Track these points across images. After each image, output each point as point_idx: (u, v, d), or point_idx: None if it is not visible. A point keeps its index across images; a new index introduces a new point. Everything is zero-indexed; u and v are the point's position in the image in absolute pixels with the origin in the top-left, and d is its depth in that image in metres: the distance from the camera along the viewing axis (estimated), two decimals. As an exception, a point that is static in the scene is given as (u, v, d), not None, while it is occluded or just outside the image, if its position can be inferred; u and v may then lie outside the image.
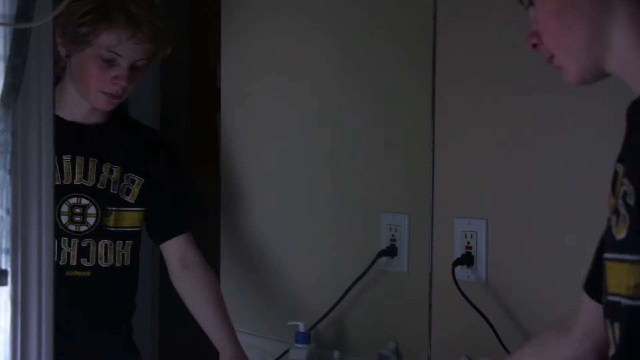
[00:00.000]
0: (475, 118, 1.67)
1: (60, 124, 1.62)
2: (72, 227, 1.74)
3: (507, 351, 1.52)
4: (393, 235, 1.80)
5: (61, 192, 1.71)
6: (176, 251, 1.86)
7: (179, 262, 1.86)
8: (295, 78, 1.98)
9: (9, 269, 1.07)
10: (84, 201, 1.74)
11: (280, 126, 2.01)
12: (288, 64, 1.99)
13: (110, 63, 1.67)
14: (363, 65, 1.88)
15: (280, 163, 2.02)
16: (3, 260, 1.07)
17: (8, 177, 1.06)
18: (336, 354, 1.82)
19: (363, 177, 1.88)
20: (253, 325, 2.05)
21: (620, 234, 0.91)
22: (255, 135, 2.07)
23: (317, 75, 1.95)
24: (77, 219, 1.75)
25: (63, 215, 1.73)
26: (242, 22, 2.08)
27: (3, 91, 1.05)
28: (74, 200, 1.74)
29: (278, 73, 2.01)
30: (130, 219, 1.80)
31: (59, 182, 1.70)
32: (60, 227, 1.72)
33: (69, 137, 1.71)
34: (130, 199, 1.79)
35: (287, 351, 1.85)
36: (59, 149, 1.64)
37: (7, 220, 1.06)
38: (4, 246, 1.07)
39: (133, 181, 1.79)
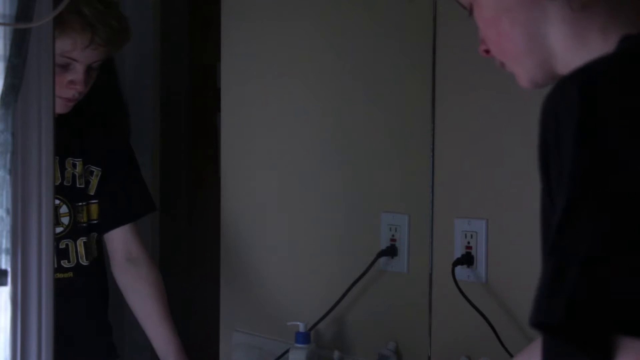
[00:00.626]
0: (476, 118, 1.67)
1: None
2: None
3: (507, 351, 1.52)
4: (393, 235, 1.80)
5: None
6: (121, 242, 1.82)
7: (124, 254, 1.82)
8: (295, 78, 1.98)
9: (9, 269, 1.07)
10: (55, 201, 1.71)
11: (280, 126, 2.01)
12: (288, 64, 1.99)
13: (64, 67, 1.62)
14: (363, 65, 1.88)
15: (280, 163, 2.02)
16: (3, 260, 1.07)
17: (8, 177, 1.06)
18: (336, 354, 1.82)
19: (363, 177, 1.88)
20: (253, 325, 2.05)
21: None
22: (255, 135, 2.07)
23: (317, 75, 1.95)
24: None
25: None
26: (242, 22, 2.08)
27: (3, 91, 1.05)
28: None
29: (278, 73, 2.01)
30: (95, 211, 1.78)
31: None
32: None
33: None
34: (90, 191, 1.76)
35: (287, 351, 1.85)
36: None
37: (7, 220, 1.06)
38: (4, 246, 1.07)
39: (92, 172, 1.76)
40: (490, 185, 1.65)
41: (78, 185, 1.74)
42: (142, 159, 2.70)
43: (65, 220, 1.72)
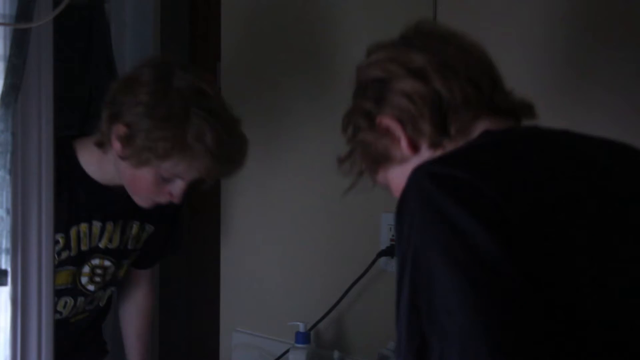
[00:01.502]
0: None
1: (94, 186, 1.59)
2: (91, 287, 1.70)
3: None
4: (393, 235, 1.80)
5: (86, 255, 1.65)
6: (135, 273, 1.89)
7: (132, 280, 1.89)
8: (295, 78, 1.98)
9: (9, 269, 1.07)
10: (107, 263, 1.69)
11: (280, 126, 2.01)
12: (288, 63, 1.99)
13: (167, 180, 1.54)
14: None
15: (280, 163, 2.02)
16: (3, 260, 1.07)
17: (8, 177, 1.06)
18: (336, 354, 1.82)
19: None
20: (253, 325, 2.05)
21: None
22: (255, 135, 2.07)
23: (317, 74, 1.95)
24: (97, 279, 1.70)
25: (84, 276, 1.67)
26: (242, 22, 2.08)
27: (3, 91, 1.05)
28: (96, 262, 1.67)
29: (278, 73, 2.01)
30: (133, 259, 1.78)
31: (86, 248, 1.64)
32: (79, 287, 1.68)
33: (102, 202, 1.62)
34: (137, 246, 1.75)
35: (287, 351, 1.85)
36: (91, 214, 1.61)
37: (7, 220, 1.06)
38: (4, 246, 1.07)
39: (144, 229, 1.74)
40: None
41: (129, 247, 1.72)
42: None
43: (108, 277, 1.72)
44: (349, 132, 1.22)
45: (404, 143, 1.10)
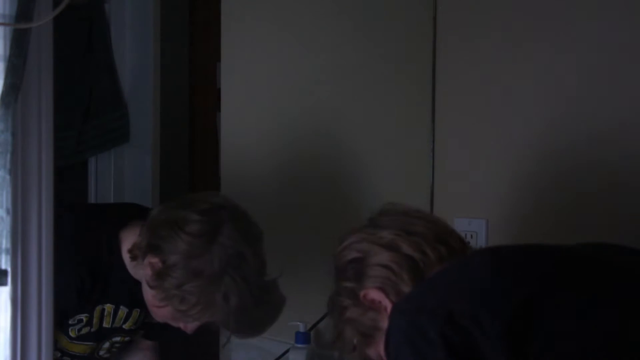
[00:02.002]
0: (475, 117, 1.67)
1: (128, 278, 1.58)
2: (106, 356, 1.73)
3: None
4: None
5: (108, 333, 1.67)
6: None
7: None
8: (295, 78, 1.98)
9: (9, 269, 1.07)
10: (127, 338, 1.72)
11: (280, 126, 2.01)
12: (288, 64, 1.99)
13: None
14: (363, 65, 1.88)
15: (280, 163, 2.02)
16: (3, 260, 1.07)
17: (8, 177, 1.06)
18: (336, 354, 1.82)
19: (363, 177, 1.88)
20: (253, 325, 2.05)
21: None
22: (255, 135, 2.07)
23: (316, 75, 1.95)
24: (114, 350, 1.74)
25: (102, 350, 1.70)
26: (242, 22, 2.08)
27: (3, 91, 1.05)
28: (117, 339, 1.70)
29: (278, 73, 2.01)
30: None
31: (108, 326, 1.65)
32: (96, 356, 1.71)
33: (133, 292, 1.61)
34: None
35: (287, 351, 1.85)
36: (119, 299, 1.62)
37: (7, 220, 1.06)
38: (4, 246, 1.07)
39: None
40: (490, 185, 1.65)
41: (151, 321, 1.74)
42: (142, 159, 2.71)
43: (123, 346, 1.75)
44: (335, 315, 1.27)
45: (390, 310, 1.15)
